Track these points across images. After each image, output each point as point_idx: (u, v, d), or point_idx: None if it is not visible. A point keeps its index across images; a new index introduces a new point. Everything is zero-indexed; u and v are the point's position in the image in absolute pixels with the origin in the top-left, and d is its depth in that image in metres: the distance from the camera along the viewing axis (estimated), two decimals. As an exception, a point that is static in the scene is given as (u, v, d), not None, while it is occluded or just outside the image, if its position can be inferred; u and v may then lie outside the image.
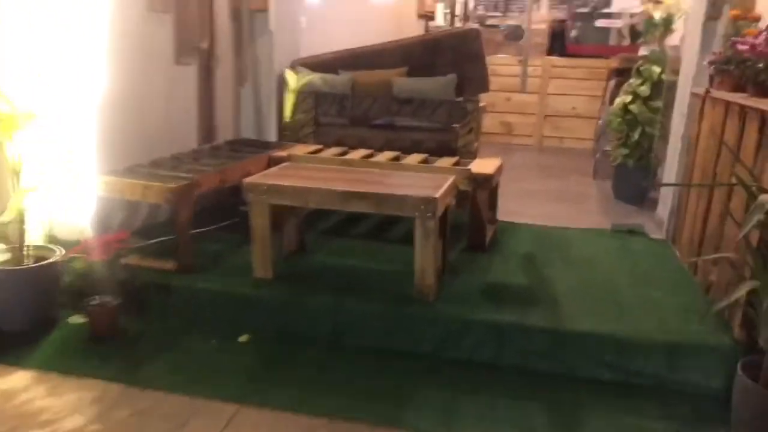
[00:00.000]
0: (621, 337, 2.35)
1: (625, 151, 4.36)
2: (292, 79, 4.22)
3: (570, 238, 3.55)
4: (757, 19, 3.01)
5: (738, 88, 2.64)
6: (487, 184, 3.21)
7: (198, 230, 3.28)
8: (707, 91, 3.03)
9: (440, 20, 8.24)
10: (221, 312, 2.68)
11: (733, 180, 2.35)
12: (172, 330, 2.61)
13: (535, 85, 6.79)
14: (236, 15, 3.99)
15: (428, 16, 8.19)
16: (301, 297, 2.64)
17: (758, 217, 1.69)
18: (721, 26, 3.22)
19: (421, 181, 2.86)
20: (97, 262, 2.55)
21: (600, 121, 5.69)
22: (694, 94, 3.35)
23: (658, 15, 4.65)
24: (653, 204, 4.04)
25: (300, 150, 3.68)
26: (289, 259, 3.04)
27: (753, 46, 2.33)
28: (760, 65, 2.22)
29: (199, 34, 3.60)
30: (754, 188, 1.98)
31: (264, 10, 4.00)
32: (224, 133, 4.04)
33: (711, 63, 2.87)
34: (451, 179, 2.81)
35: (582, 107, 6.73)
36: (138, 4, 3.17)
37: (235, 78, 4.09)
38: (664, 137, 4.03)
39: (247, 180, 2.73)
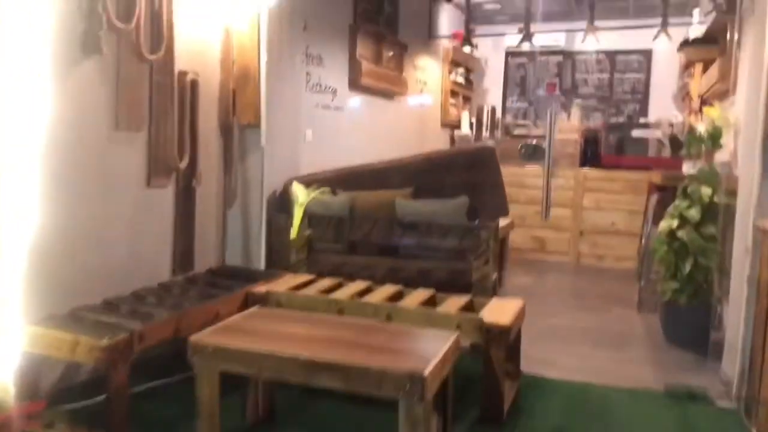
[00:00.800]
0: None
1: (675, 285, 3.66)
2: (302, 193, 3.78)
3: (612, 403, 2.81)
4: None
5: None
6: (503, 339, 2.57)
7: (145, 386, 2.72)
8: (779, 228, 2.40)
9: (466, 129, 7.92)
10: None
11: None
12: None
13: (568, 198, 6.24)
14: (225, 130, 3.63)
15: (453, 125, 7.90)
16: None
17: None
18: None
19: (414, 342, 2.26)
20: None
21: (643, 241, 5.04)
22: (758, 228, 2.72)
23: (702, 128, 4.12)
24: (718, 350, 3.28)
25: (284, 284, 3.15)
26: (251, 433, 2.41)
27: None
28: None
29: (178, 152, 3.23)
30: None
31: (256, 126, 3.63)
32: (207, 259, 3.57)
33: (782, 194, 2.26)
34: (452, 340, 2.18)
35: (621, 223, 6.10)
36: (102, 120, 2.82)
37: (222, 199, 3.67)
38: (724, 272, 3.34)
39: (192, 339, 2.17)
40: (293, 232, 3.74)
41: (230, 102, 3.61)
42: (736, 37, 3.80)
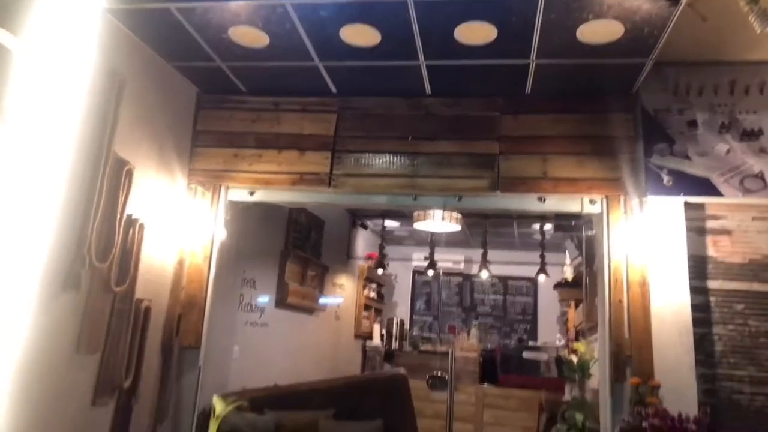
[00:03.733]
0: None
1: (561, 503, 4.16)
2: (220, 406, 4.07)
3: None
4: (657, 386, 3.23)
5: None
6: None
7: None
8: (626, 459, 3.05)
9: (377, 340, 8.54)
10: None
11: None
12: None
13: (470, 414, 6.77)
14: (166, 351, 4.02)
15: (366, 336, 8.50)
16: None
17: None
18: (627, 389, 3.43)
19: None
20: None
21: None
22: (615, 455, 3.37)
23: (574, 359, 4.97)
24: None
25: (210, 504, 3.35)
26: None
27: (652, 427, 2.44)
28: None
29: (124, 373, 3.56)
30: None
31: (196, 347, 4.05)
32: (131, 478, 3.69)
33: (622, 431, 2.96)
34: None
35: (518, 439, 6.63)
36: (66, 345, 3.17)
37: (154, 415, 3.92)
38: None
39: None
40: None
41: (174, 325, 4.06)
42: (592, 286, 4.84)
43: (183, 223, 4.17)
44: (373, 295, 8.78)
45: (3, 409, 2.77)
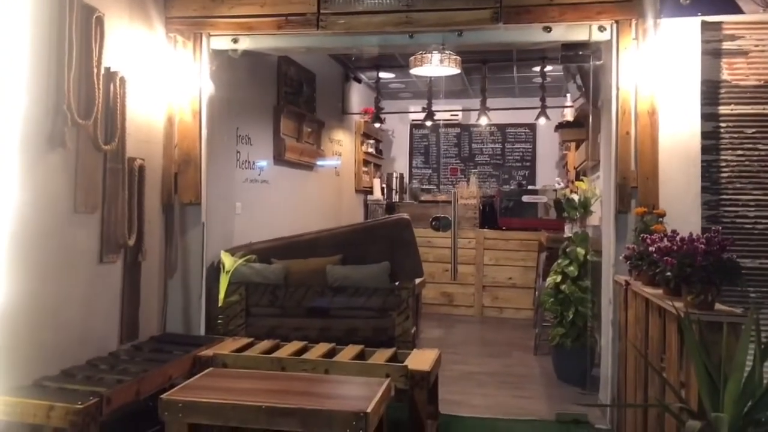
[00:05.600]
0: None
1: (561, 330, 4.37)
2: (228, 260, 4.16)
3: (514, 433, 3.38)
4: (662, 215, 3.22)
5: (653, 282, 2.73)
6: (424, 382, 3.08)
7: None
8: (627, 282, 3.12)
9: (378, 194, 8.60)
10: None
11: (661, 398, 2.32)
12: None
13: (471, 256, 6.98)
14: (167, 209, 3.99)
15: (367, 191, 8.55)
16: None
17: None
18: (631, 219, 3.43)
19: (353, 388, 2.71)
20: None
21: (536, 293, 5.80)
22: (616, 282, 3.46)
23: (575, 197, 4.97)
24: (597, 383, 3.97)
25: (228, 347, 3.50)
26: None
27: (659, 249, 2.44)
28: (668, 273, 2.30)
29: (127, 230, 3.55)
30: (681, 409, 1.94)
31: (197, 204, 4.02)
32: (149, 328, 3.84)
33: (626, 258, 2.99)
34: (385, 384, 2.66)
35: (518, 278, 6.90)
36: (62, 205, 3.12)
37: (164, 270, 3.99)
38: (598, 317, 4.08)
39: (163, 397, 2.51)
40: (220, 299, 4.11)
41: (172, 183, 3.99)
42: (596, 123, 4.71)
43: (167, 77, 3.94)
44: (371, 150, 8.68)
45: (7, 270, 2.77)
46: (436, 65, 5.27)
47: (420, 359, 3.26)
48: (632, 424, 3.06)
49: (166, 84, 3.95)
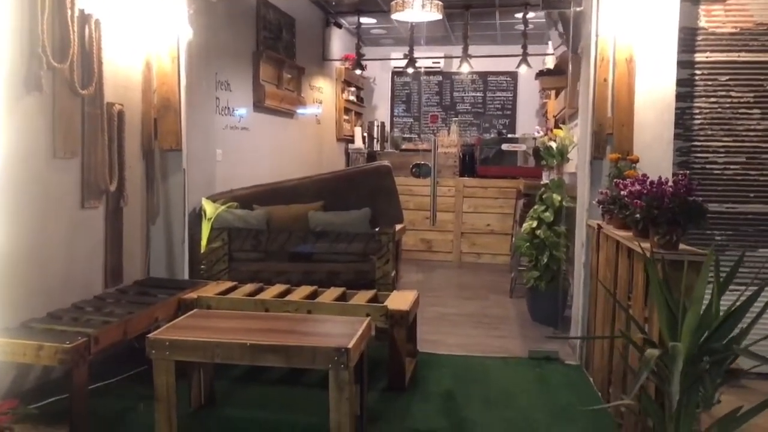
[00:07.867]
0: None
1: (536, 273, 4.53)
2: (210, 207, 4.20)
3: (489, 370, 3.55)
4: (636, 161, 3.31)
5: (624, 226, 2.85)
6: (404, 321, 3.21)
7: (99, 384, 3.06)
8: (599, 226, 3.24)
9: (359, 143, 8.59)
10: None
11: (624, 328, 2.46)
12: None
13: (450, 204, 7.09)
14: (147, 155, 3.98)
15: (348, 139, 8.53)
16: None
17: (646, 372, 1.75)
18: (606, 166, 3.52)
19: (335, 326, 2.82)
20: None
21: (513, 239, 5.95)
22: (589, 226, 3.58)
23: (553, 145, 5.05)
24: (568, 323, 4.16)
25: (211, 290, 3.58)
26: (197, 415, 2.85)
27: (630, 193, 2.53)
28: (637, 215, 2.40)
29: (108, 175, 3.55)
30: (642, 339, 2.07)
31: (177, 150, 4.01)
32: (133, 273, 3.89)
33: (599, 203, 3.09)
34: (366, 322, 2.77)
35: (496, 225, 7.04)
36: (42, 150, 3.11)
37: (146, 216, 4.01)
38: (571, 261, 4.23)
39: (150, 336, 2.59)
40: (203, 245, 4.17)
41: (152, 129, 3.97)
42: (575, 71, 4.75)
43: (144, 20, 3.86)
44: (352, 98, 8.61)
45: (5, 225, 2.78)
46: (418, 10, 5.22)
47: (399, 300, 3.38)
48: (599, 360, 3.24)
49: (143, 28, 3.87)
